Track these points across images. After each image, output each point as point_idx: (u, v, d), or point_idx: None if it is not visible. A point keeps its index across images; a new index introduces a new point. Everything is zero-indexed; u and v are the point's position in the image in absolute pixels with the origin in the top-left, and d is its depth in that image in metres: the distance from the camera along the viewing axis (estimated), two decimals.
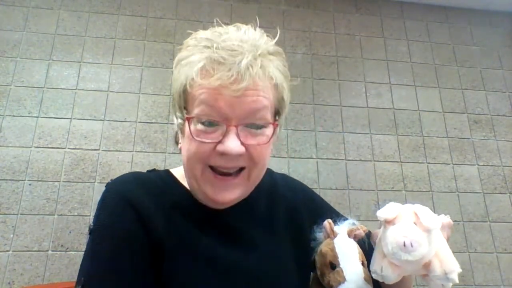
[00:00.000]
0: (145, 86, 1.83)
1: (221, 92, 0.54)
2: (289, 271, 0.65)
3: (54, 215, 1.57)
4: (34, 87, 1.75)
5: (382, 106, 2.00)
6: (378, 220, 0.56)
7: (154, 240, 0.57)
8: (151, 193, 0.61)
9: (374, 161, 1.89)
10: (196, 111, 0.56)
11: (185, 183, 0.66)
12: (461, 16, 2.27)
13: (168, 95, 1.83)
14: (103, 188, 0.66)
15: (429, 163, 1.92)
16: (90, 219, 1.58)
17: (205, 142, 0.56)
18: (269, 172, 0.77)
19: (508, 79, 2.16)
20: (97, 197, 1.61)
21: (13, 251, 1.50)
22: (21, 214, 1.55)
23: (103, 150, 1.70)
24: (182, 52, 0.60)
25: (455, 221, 1.83)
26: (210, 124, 0.56)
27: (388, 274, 0.52)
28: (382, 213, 0.53)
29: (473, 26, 2.26)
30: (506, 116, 2.08)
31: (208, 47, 0.56)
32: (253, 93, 0.55)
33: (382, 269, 0.52)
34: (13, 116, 1.69)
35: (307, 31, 2.09)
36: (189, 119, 0.56)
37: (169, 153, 1.74)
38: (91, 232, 0.58)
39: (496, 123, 2.05)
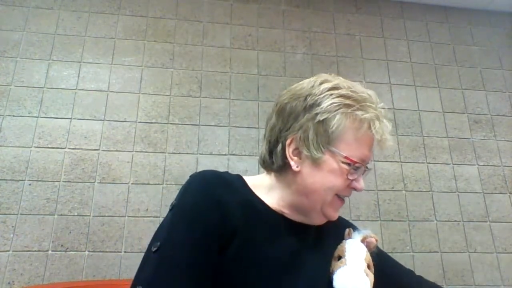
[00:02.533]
0: (145, 86, 1.83)
1: (372, 144, 0.71)
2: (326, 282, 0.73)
3: (54, 215, 1.57)
4: (34, 87, 1.75)
5: (382, 106, 2.00)
6: (378, 220, 0.58)
7: (228, 229, 0.64)
8: (229, 188, 0.69)
9: (374, 161, 1.89)
10: (353, 155, 0.68)
11: (256, 191, 0.74)
12: (461, 16, 2.27)
13: (168, 95, 1.83)
14: (103, 188, 0.69)
15: (429, 163, 1.92)
16: (90, 219, 1.58)
17: (349, 179, 0.69)
18: None
19: (508, 79, 2.16)
20: (97, 197, 1.61)
21: (13, 251, 1.50)
22: (21, 214, 1.55)
23: (103, 150, 1.70)
24: (336, 98, 0.69)
25: (455, 221, 1.83)
26: (357, 167, 0.69)
27: None
28: None
29: (473, 26, 2.26)
30: (506, 116, 2.08)
31: (371, 106, 0.70)
32: None
33: None
34: (13, 116, 1.69)
35: (307, 31, 2.09)
36: (352, 161, 0.68)
37: (169, 153, 1.74)
38: (173, 207, 0.67)
39: (496, 123, 2.05)
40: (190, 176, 0.71)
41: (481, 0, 2.22)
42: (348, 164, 0.68)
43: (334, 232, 0.79)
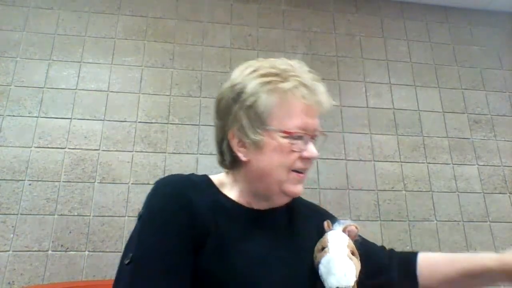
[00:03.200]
0: (145, 86, 1.83)
1: (309, 111, 0.70)
2: (306, 269, 0.73)
3: (54, 215, 1.57)
4: (34, 87, 1.75)
5: (382, 106, 2.00)
6: (378, 220, 0.58)
7: (199, 229, 0.64)
8: (196, 191, 0.69)
9: (374, 161, 1.89)
10: (291, 127, 0.68)
11: (223, 189, 0.74)
12: (461, 16, 2.27)
13: (168, 95, 1.83)
14: (103, 188, 0.69)
15: (429, 163, 1.92)
16: (90, 219, 1.58)
17: (295, 151, 0.69)
18: None
19: (508, 79, 2.16)
20: (97, 197, 1.61)
21: (13, 251, 1.50)
22: (21, 214, 1.55)
23: (103, 150, 1.70)
24: (260, 78, 0.70)
25: (455, 221, 1.83)
26: (299, 137, 0.69)
27: None
28: None
29: (473, 26, 2.26)
30: (506, 116, 2.08)
31: (294, 76, 0.70)
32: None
33: None
34: (13, 116, 1.69)
35: (307, 31, 2.09)
36: (289, 133, 0.68)
37: (169, 153, 1.74)
38: (141, 216, 0.66)
39: (496, 123, 2.05)
40: (155, 183, 0.71)
41: (481, 0, 2.22)
42: (288, 137, 0.68)
43: (307, 219, 0.80)
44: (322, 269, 0.64)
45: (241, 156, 0.71)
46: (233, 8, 2.06)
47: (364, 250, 0.72)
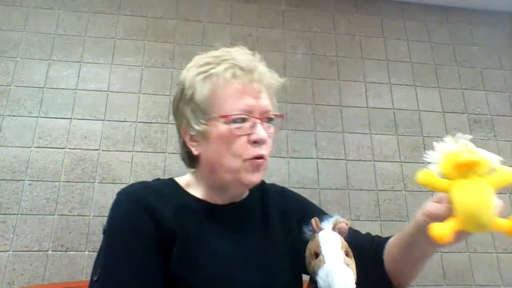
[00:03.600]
0: (145, 86, 1.83)
1: (247, 92, 0.67)
2: (283, 264, 0.71)
3: (54, 215, 1.57)
4: (34, 87, 1.75)
5: (382, 106, 2.00)
6: (377, 220, 0.57)
7: (166, 233, 0.63)
8: (159, 196, 0.67)
9: (374, 161, 1.89)
10: (232, 110, 0.65)
11: (190, 190, 0.73)
12: (461, 16, 2.27)
13: (168, 95, 1.83)
14: (103, 188, 0.69)
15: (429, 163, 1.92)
16: (90, 219, 1.58)
17: (241, 136, 0.66)
18: None
19: (508, 79, 2.16)
20: (97, 197, 1.61)
21: (13, 251, 1.50)
22: (21, 214, 1.55)
23: (103, 150, 1.70)
24: (196, 69, 0.70)
25: None
26: (242, 120, 0.66)
27: None
28: None
29: (473, 26, 2.26)
30: (506, 116, 2.08)
31: (229, 58, 0.68)
32: (265, 95, 0.69)
33: None
34: (13, 116, 1.69)
35: (307, 31, 2.09)
36: (228, 117, 0.65)
37: (169, 153, 1.74)
38: (105, 231, 0.65)
39: (496, 123, 2.05)
40: (117, 194, 0.69)
41: (481, 0, 2.22)
42: (229, 122, 0.65)
43: (280, 211, 0.78)
44: (321, 283, 0.61)
45: (193, 151, 0.70)
46: (233, 8, 2.06)
47: (354, 244, 0.66)
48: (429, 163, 0.57)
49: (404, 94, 2.05)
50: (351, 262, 0.63)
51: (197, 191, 0.72)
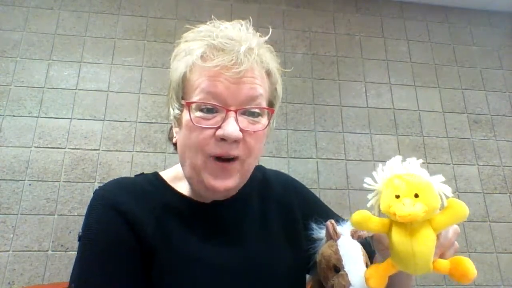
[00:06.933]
0: (145, 86, 1.83)
1: (220, 77, 0.55)
2: (282, 268, 0.64)
3: (54, 215, 1.57)
4: (34, 87, 1.75)
5: (382, 106, 2.00)
6: None
7: (143, 243, 0.57)
8: (138, 197, 0.61)
9: (374, 161, 1.88)
10: (196, 97, 0.56)
11: (174, 185, 0.66)
12: (461, 16, 2.27)
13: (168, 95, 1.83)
14: None
15: (429, 163, 1.92)
16: None
17: (205, 128, 0.55)
18: (261, 169, 0.77)
19: (508, 79, 2.16)
20: None
21: (13, 251, 1.50)
22: (21, 214, 1.55)
23: (103, 150, 1.70)
24: (181, 45, 0.62)
25: None
26: (209, 110, 0.56)
27: None
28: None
29: (473, 26, 2.26)
30: (506, 116, 2.08)
31: (208, 36, 0.57)
32: (251, 80, 0.57)
33: None
34: (13, 116, 1.69)
35: (307, 31, 2.09)
36: (189, 105, 0.56)
37: (169, 153, 1.74)
38: (80, 239, 0.58)
39: (496, 123, 2.05)
40: (93, 192, 0.64)
41: (481, 0, 2.22)
42: (194, 110, 0.56)
43: (282, 206, 0.70)
44: None
45: (174, 139, 0.64)
46: (233, 8, 2.06)
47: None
48: (369, 190, 0.54)
49: (404, 94, 2.05)
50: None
51: (182, 186, 0.65)
